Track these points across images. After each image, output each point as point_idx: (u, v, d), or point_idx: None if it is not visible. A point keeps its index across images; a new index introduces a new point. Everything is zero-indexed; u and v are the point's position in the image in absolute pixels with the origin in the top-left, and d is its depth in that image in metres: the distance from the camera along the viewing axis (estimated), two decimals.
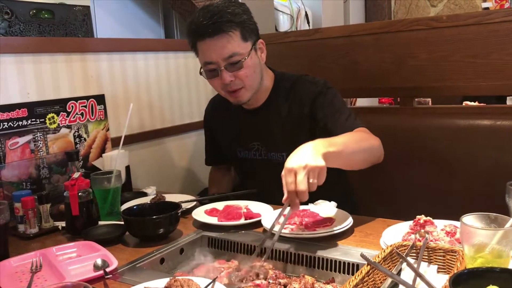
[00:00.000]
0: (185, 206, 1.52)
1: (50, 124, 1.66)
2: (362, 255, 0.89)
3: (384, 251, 0.97)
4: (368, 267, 0.90)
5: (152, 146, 2.18)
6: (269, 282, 1.04)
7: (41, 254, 1.22)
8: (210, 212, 1.47)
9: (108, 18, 2.43)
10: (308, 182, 1.13)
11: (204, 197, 1.67)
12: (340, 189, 1.71)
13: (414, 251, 1.00)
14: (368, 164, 1.45)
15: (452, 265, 0.95)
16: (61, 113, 1.69)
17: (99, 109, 1.82)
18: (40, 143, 1.63)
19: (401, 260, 0.95)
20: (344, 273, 1.13)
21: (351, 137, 1.41)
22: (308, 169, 1.14)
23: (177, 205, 1.38)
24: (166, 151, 2.26)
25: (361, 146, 1.39)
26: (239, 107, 1.65)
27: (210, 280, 0.98)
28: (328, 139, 1.28)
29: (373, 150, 1.44)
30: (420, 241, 1.03)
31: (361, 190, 1.82)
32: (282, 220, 1.22)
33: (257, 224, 1.36)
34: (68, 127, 1.72)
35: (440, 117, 1.82)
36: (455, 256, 0.95)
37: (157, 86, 2.19)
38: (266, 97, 1.65)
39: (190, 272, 1.18)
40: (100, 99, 1.82)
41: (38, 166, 1.63)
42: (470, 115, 1.76)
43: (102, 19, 2.37)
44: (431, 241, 1.06)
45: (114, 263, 1.13)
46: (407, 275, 0.92)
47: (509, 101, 2.92)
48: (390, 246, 1.00)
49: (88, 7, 2.05)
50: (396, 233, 1.17)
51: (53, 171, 1.67)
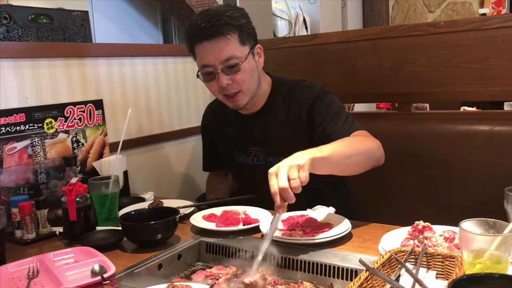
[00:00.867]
0: (183, 211, 1.52)
1: (48, 129, 1.66)
2: (360, 261, 0.89)
3: (382, 257, 0.97)
4: (367, 273, 0.89)
5: (150, 151, 2.18)
6: None
7: (38, 260, 1.21)
8: (208, 218, 1.47)
9: (107, 23, 2.43)
10: (289, 180, 1.11)
11: (202, 203, 1.67)
12: (339, 194, 1.71)
13: (413, 256, 1.00)
14: (368, 167, 1.44)
15: (451, 271, 0.95)
16: (59, 118, 1.69)
17: (97, 114, 1.81)
18: (38, 148, 1.63)
19: (399, 266, 0.95)
20: (342, 279, 1.12)
21: (344, 142, 1.40)
22: (287, 168, 1.13)
23: (175, 211, 1.37)
24: (164, 156, 2.26)
25: (356, 149, 1.38)
26: (236, 112, 1.65)
27: (208, 286, 0.98)
28: (318, 147, 1.28)
29: (371, 152, 1.43)
30: (418, 246, 1.03)
31: (359, 195, 1.82)
32: (272, 226, 1.17)
33: (255, 230, 1.35)
34: (66, 132, 1.72)
35: (438, 122, 1.82)
36: (453, 262, 0.95)
37: (155, 91, 2.20)
38: (264, 102, 1.65)
39: (188, 278, 1.18)
40: (98, 104, 1.82)
41: (36, 171, 1.63)
42: (468, 121, 1.76)
43: (100, 24, 2.38)
44: (429, 246, 1.05)
45: (111, 269, 1.12)
46: (405, 281, 0.92)
47: (507, 107, 2.93)
48: (389, 251, 0.99)
49: (86, 12, 2.05)
50: (394, 238, 1.17)
51: (50, 176, 1.67)
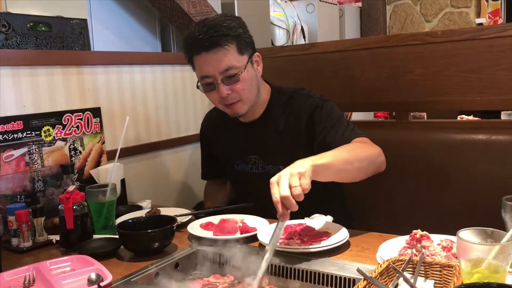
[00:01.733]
0: (180, 220, 1.52)
1: (45, 136, 1.65)
2: (358, 270, 0.89)
3: (380, 266, 0.97)
4: (365, 282, 0.89)
5: (147, 159, 2.18)
6: None
7: (35, 268, 1.20)
8: (206, 226, 1.47)
9: (105, 31, 2.43)
10: (291, 188, 1.12)
11: (199, 211, 1.66)
12: (336, 203, 1.71)
13: (411, 266, 0.99)
14: (369, 174, 1.45)
15: (449, 280, 0.95)
16: (57, 125, 1.69)
17: (95, 122, 1.81)
18: (35, 156, 1.63)
19: (397, 275, 0.95)
20: None
21: (346, 148, 1.41)
22: (288, 176, 1.14)
23: (172, 219, 1.37)
24: (162, 164, 2.26)
25: (358, 156, 1.39)
26: (235, 120, 1.65)
27: None
28: (319, 154, 1.29)
29: (372, 158, 1.43)
30: (416, 255, 1.03)
31: (357, 204, 1.82)
32: (275, 234, 1.17)
33: (253, 238, 1.35)
34: (64, 140, 1.71)
35: (435, 131, 1.83)
36: (451, 271, 0.95)
37: (153, 99, 2.20)
38: (263, 110, 1.65)
39: (185, 287, 1.17)
40: (96, 112, 1.82)
41: (33, 179, 1.62)
42: (465, 130, 1.77)
43: (99, 32, 2.38)
44: (427, 256, 1.05)
45: (108, 278, 1.12)
46: None
47: (504, 116, 2.94)
48: (387, 261, 0.99)
49: (85, 20, 2.06)
50: (392, 247, 1.17)
51: (48, 184, 1.66)
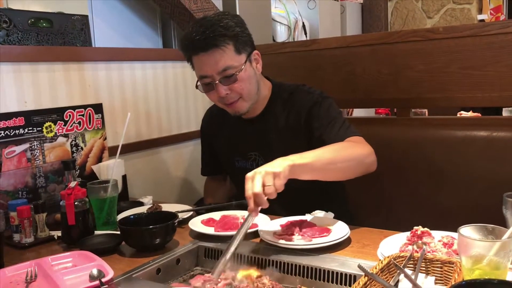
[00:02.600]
0: (181, 216, 1.52)
1: (47, 132, 1.66)
2: (359, 266, 0.89)
3: (381, 262, 0.97)
4: (366, 278, 0.89)
5: (149, 155, 2.18)
6: None
7: (36, 264, 1.21)
8: (207, 222, 1.47)
9: (106, 28, 2.43)
10: (264, 187, 1.16)
11: (201, 207, 1.67)
12: (336, 200, 1.71)
13: (412, 262, 1.00)
14: (357, 174, 1.45)
15: (450, 277, 0.95)
16: (58, 122, 1.69)
17: (97, 118, 1.82)
18: (36, 152, 1.63)
19: (398, 271, 0.95)
20: (341, 284, 1.12)
21: (332, 148, 1.41)
22: (263, 174, 1.18)
23: (173, 215, 1.37)
24: (163, 160, 2.26)
25: (343, 155, 1.39)
26: (236, 117, 1.65)
27: None
28: (301, 153, 1.31)
29: (360, 159, 1.43)
30: (417, 252, 1.03)
31: (357, 201, 1.82)
32: (243, 227, 1.20)
33: (254, 235, 1.35)
34: (65, 136, 1.72)
35: (436, 128, 1.82)
36: (452, 267, 0.95)
37: (154, 96, 2.20)
38: (263, 107, 1.65)
39: (186, 283, 1.17)
40: (98, 108, 1.82)
41: (35, 175, 1.63)
42: (466, 126, 1.76)
43: (100, 29, 2.38)
44: (428, 252, 1.05)
45: (110, 274, 1.12)
46: (404, 286, 0.92)
47: (505, 113, 2.94)
48: (388, 257, 0.99)
49: (86, 16, 2.05)
50: (393, 244, 1.17)
51: (49, 180, 1.66)
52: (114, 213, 1.54)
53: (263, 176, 1.18)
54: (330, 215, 1.45)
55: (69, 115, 1.72)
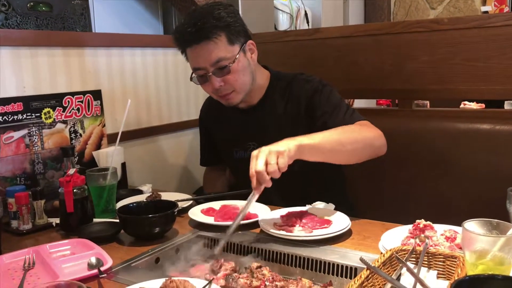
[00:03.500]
0: (181, 205, 1.51)
1: (45, 119, 1.64)
2: (361, 259, 0.88)
3: (383, 256, 0.96)
4: (368, 271, 0.88)
5: (148, 143, 2.16)
6: (265, 284, 1.03)
7: (34, 251, 1.20)
8: (207, 212, 1.46)
9: (107, 13, 2.40)
10: (268, 165, 1.17)
11: (200, 196, 1.66)
12: (336, 191, 1.70)
13: (414, 256, 0.99)
14: (366, 157, 1.43)
15: (452, 271, 0.94)
16: (57, 108, 1.67)
17: (96, 105, 1.80)
18: (35, 138, 1.61)
19: (400, 265, 0.94)
20: (341, 276, 1.12)
21: (340, 130, 1.40)
22: (267, 152, 1.19)
23: (173, 204, 1.36)
24: (163, 148, 2.24)
25: (351, 137, 1.38)
26: (234, 106, 1.64)
27: (207, 282, 0.97)
28: (308, 135, 1.30)
29: (368, 141, 1.42)
30: (419, 245, 1.02)
31: (358, 192, 1.81)
32: (247, 204, 1.23)
33: (254, 225, 1.34)
34: (64, 122, 1.70)
35: (438, 120, 1.81)
36: (455, 262, 0.94)
37: (154, 83, 2.17)
38: (261, 96, 1.64)
39: (186, 272, 1.17)
40: (97, 94, 1.80)
41: (33, 161, 1.61)
42: (469, 119, 1.75)
43: (100, 14, 2.35)
44: (431, 246, 1.05)
45: (108, 262, 1.11)
46: (406, 280, 0.91)
47: (507, 105, 2.92)
48: (390, 250, 0.98)
49: (86, 1, 2.03)
50: (395, 237, 1.16)
51: (48, 166, 1.65)
52: (113, 201, 1.53)
53: (266, 155, 1.18)
54: (331, 206, 1.44)
55: (68, 101, 1.70)
